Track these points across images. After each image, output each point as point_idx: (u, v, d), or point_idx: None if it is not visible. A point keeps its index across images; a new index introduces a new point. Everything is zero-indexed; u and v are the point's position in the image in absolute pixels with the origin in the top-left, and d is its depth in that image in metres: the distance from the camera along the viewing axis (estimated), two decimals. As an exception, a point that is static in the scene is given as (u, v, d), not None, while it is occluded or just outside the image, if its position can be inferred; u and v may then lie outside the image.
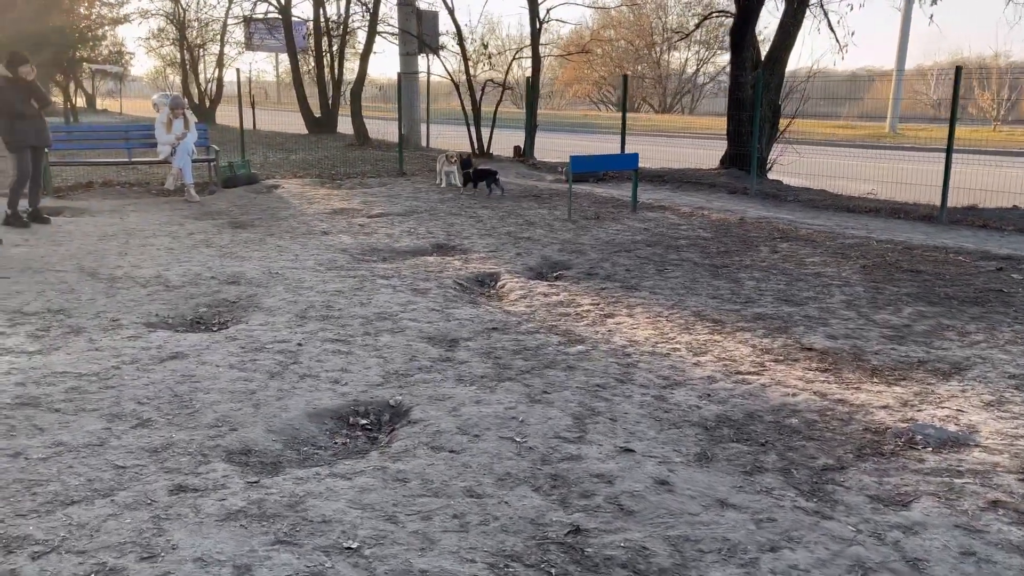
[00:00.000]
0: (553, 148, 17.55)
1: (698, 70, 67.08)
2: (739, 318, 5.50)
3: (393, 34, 20.36)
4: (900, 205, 10.44)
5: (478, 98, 16.23)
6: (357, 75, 20.43)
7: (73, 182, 11.62)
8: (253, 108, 28.64)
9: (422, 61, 19.78)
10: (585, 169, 9.84)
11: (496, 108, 16.18)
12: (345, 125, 26.10)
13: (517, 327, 5.33)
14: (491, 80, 16.78)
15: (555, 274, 7.07)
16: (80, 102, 44.49)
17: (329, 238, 8.30)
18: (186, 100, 11.37)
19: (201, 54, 35.54)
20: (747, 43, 12.05)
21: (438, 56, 16.95)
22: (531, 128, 15.65)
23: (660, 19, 63.00)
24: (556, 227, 9.02)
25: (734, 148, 12.36)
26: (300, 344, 4.86)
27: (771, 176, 12.67)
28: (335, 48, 24.48)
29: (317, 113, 25.53)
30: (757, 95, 10.63)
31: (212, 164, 11.54)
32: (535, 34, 16.01)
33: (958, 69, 9.30)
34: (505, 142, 16.99)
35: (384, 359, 4.62)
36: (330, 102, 25.35)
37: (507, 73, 16.66)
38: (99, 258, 7.01)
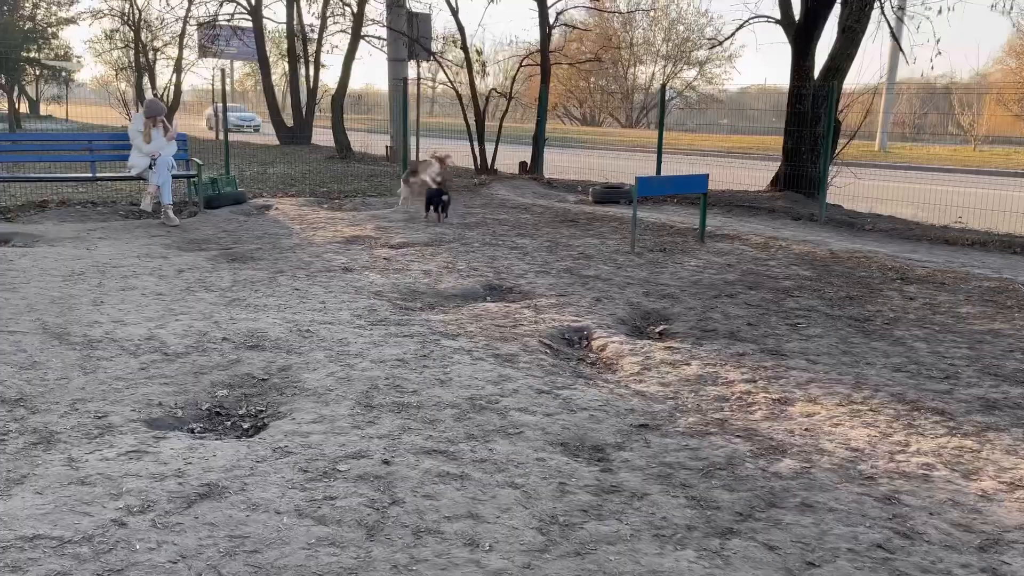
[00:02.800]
0: (549, 164, 16.01)
1: (665, 84, 66.73)
2: (965, 407, 4.10)
3: (379, 38, 18.79)
4: (1010, 238, 9.14)
5: (482, 108, 14.73)
6: (339, 82, 18.81)
7: (23, 200, 9.80)
8: (217, 118, 26.79)
9: (412, 69, 18.25)
10: (651, 192, 8.47)
11: (501, 121, 14.71)
12: (320, 136, 24.44)
13: (672, 422, 3.85)
14: (495, 89, 15.30)
15: (658, 329, 5.61)
16: (23, 108, 41.79)
17: (355, 277, 6.72)
18: (164, 105, 9.59)
19: (156, 58, 33.39)
20: (812, 49, 10.79)
21: (437, 61, 15.40)
22: (540, 142, 14.20)
23: (654, 30, 62.12)
24: (620, 262, 7.58)
25: (791, 168, 11.09)
26: (387, 462, 3.30)
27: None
28: (310, 53, 22.78)
29: (289, 123, 23.77)
30: (830, 109, 9.34)
31: (193, 181, 9.83)
32: (544, 39, 14.60)
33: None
34: (507, 158, 15.51)
35: (523, 493, 3.09)
36: (304, 111, 23.62)
37: (513, 81, 15.22)
38: (67, 309, 5.33)
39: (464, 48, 14.71)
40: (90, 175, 9.31)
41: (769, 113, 11.68)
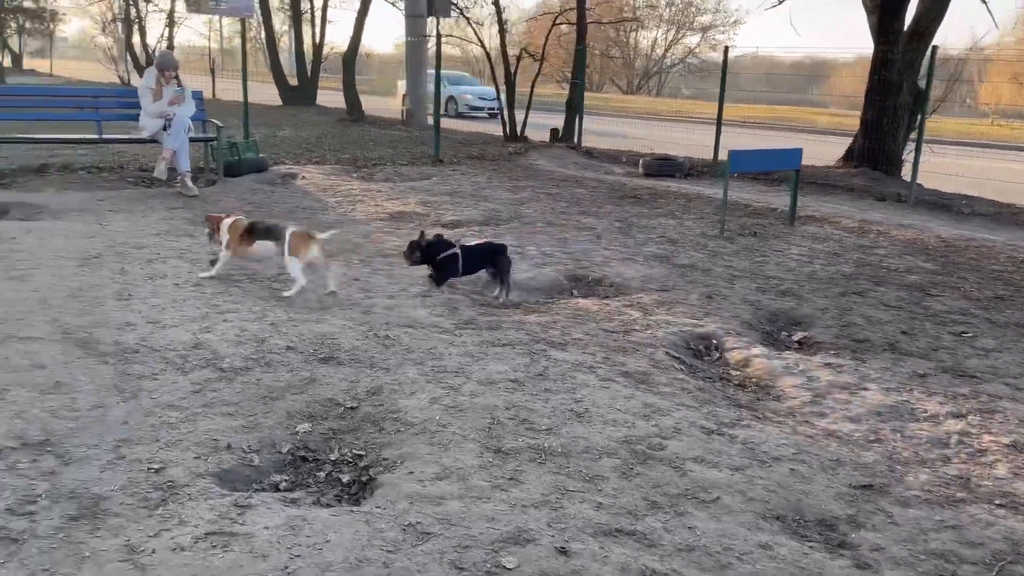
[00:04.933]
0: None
1: (666, 51, 65.18)
2: None
3: (395, -8, 17.55)
4: None
5: (512, 71, 13.63)
6: (351, 39, 17.59)
7: (18, 165, 8.73)
8: (213, 75, 25.45)
9: (430, 27, 17.06)
10: (744, 169, 7.54)
11: (533, 85, 13.63)
12: (324, 97, 23.22)
13: (900, 481, 2.97)
14: (525, 50, 14.19)
15: (795, 337, 4.72)
16: (5, 61, 40.02)
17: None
18: (178, 60, 8.44)
19: (147, 10, 31.78)
20: (904, 8, 9.74)
21: (465, 17, 14.23)
22: (578, 108, 13.15)
23: None
24: (712, 248, 6.66)
25: (870, 141, 10.13)
26: (563, 551, 2.40)
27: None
28: (319, 6, 21.47)
29: (293, 83, 22.52)
30: (929, 76, 8.36)
31: (211, 145, 8.79)
32: (581, -4, 13.47)
33: None
34: (531, 125, 14.45)
35: (775, 607, 2.21)
36: (308, 71, 22.35)
37: (546, 41, 14.08)
38: (89, 305, 4.37)
39: (496, 3, 13.57)
40: (96, 136, 8.24)
41: (761, 81, 10.67)
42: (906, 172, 10.38)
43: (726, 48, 10.57)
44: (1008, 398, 3.77)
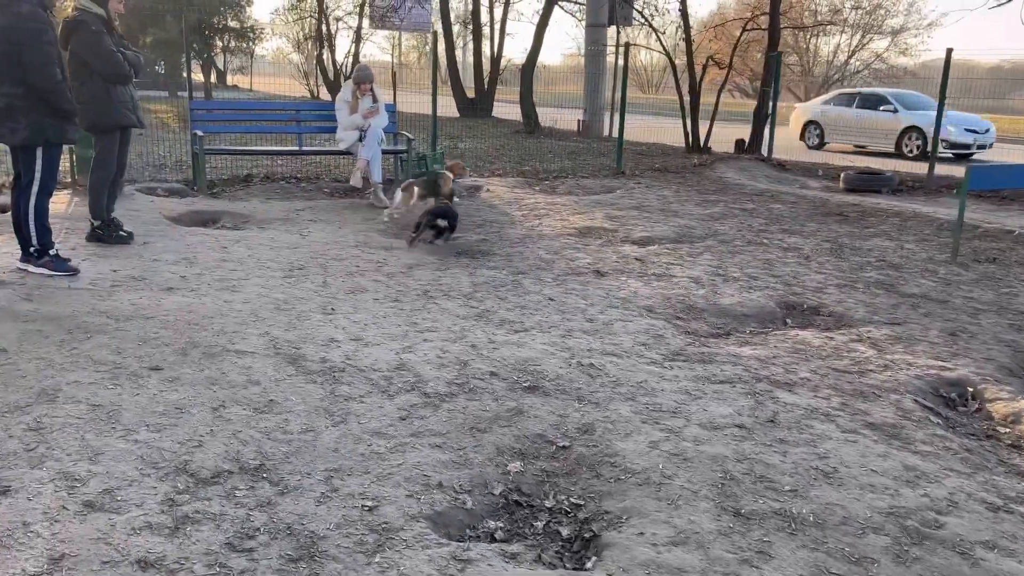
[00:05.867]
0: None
1: (850, 57, 61.28)
2: None
3: (575, 2, 17.44)
4: None
5: (698, 79, 13.05)
6: (530, 50, 17.63)
7: (228, 175, 9.26)
8: (394, 87, 26.47)
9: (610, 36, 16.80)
10: (986, 186, 6.69)
11: (719, 93, 13.00)
12: (500, 109, 23.49)
13: None
14: (712, 58, 13.57)
15: (1074, 389, 3.97)
16: (212, 78, 43.72)
17: (612, 284, 5.46)
18: (373, 72, 8.63)
19: (338, 27, 33.64)
20: None
21: (651, 26, 13.82)
22: (769, 117, 12.37)
23: None
24: (943, 275, 5.88)
25: None
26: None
27: None
28: (497, 19, 21.79)
29: (471, 95, 22.99)
30: None
31: (401, 158, 8.92)
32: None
33: None
34: (722, 135, 13.78)
35: None
36: (485, 83, 22.72)
37: (735, 48, 13.40)
38: (295, 319, 4.38)
39: (683, 9, 13.05)
40: (297, 148, 8.59)
41: (955, 87, 9.20)
42: None
43: (948, 50, 9.51)
44: None
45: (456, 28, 26.18)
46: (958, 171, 10.74)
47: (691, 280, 5.61)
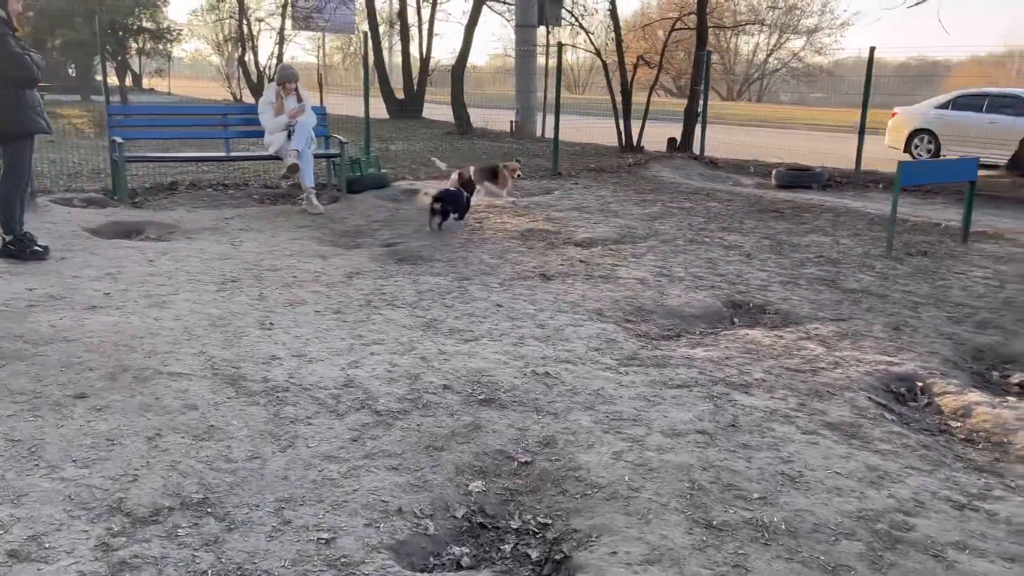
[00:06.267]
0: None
1: (769, 56, 62.96)
2: None
3: (503, 2, 17.36)
4: None
5: (629, 79, 13.13)
6: (460, 51, 17.48)
7: (150, 184, 8.83)
8: (321, 89, 25.92)
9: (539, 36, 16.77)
10: (916, 181, 6.83)
11: (650, 93, 13.10)
12: (430, 111, 23.25)
13: None
14: (642, 57, 13.67)
15: (1015, 380, 4.06)
16: (127, 81, 42.04)
17: (559, 288, 5.37)
18: (298, 72, 8.36)
19: (260, 28, 32.78)
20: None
21: (581, 27, 13.84)
22: (699, 117, 12.52)
23: None
24: (880, 269, 5.99)
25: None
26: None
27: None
28: (425, 19, 21.56)
29: (399, 96, 22.67)
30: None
31: (334, 161, 8.66)
32: (703, -1, 12.85)
33: None
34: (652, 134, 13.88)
35: None
36: (415, 84, 22.45)
37: (664, 47, 13.52)
38: (233, 336, 4.15)
39: (613, 9, 13.11)
40: (224, 153, 8.24)
41: (861, 85, 9.35)
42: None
43: (871, 49, 9.77)
44: None
45: (383, 29, 25.83)
46: (881, 167, 11.07)
47: (637, 281, 5.57)
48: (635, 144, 13.28)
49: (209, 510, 2.57)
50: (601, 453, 3.04)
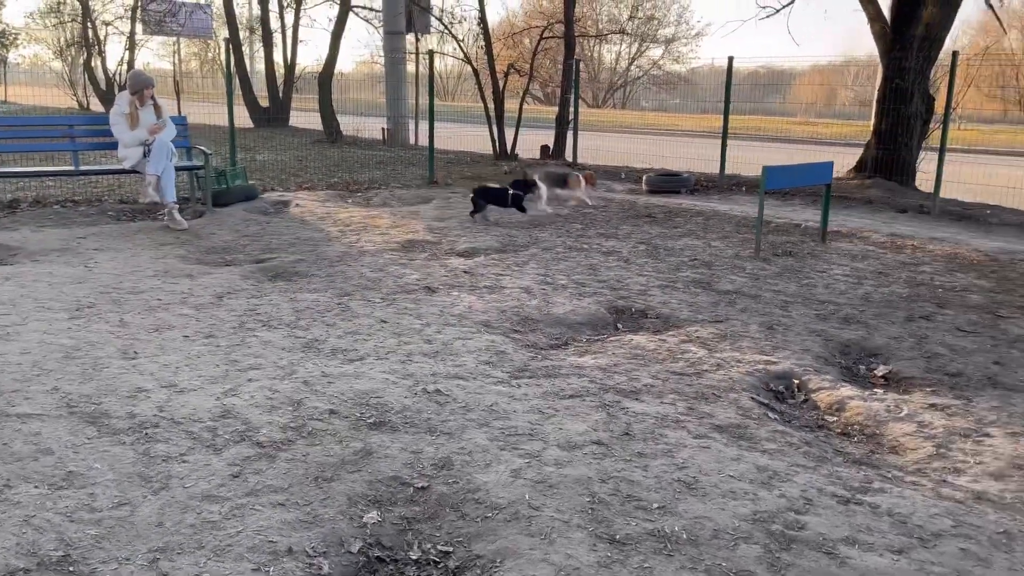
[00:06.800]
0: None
1: (631, 64, 65.28)
2: None
3: (371, 9, 17.09)
4: None
5: (500, 87, 13.19)
6: (328, 57, 17.04)
7: (-12, 199, 8.05)
8: (179, 97, 24.66)
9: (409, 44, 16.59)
10: (779, 185, 7.14)
11: (522, 100, 13.24)
12: (298, 118, 22.56)
13: (1086, 556, 2.54)
14: (513, 65, 13.77)
15: (880, 373, 4.30)
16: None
17: (442, 299, 5.27)
18: (155, 80, 7.89)
19: (107, 32, 30.78)
20: (918, 14, 9.46)
21: (451, 34, 13.77)
22: (569, 123, 12.74)
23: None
24: (751, 270, 6.24)
25: (884, 151, 9.85)
26: None
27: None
28: (289, 25, 20.89)
29: (264, 104, 21.86)
30: (951, 83, 8.06)
31: (197, 174, 8.19)
32: (569, 5, 13.09)
33: None
34: (525, 142, 14.03)
35: None
36: (280, 92, 21.71)
37: (534, 55, 13.68)
38: (90, 368, 3.79)
39: (482, 18, 13.13)
40: (72, 167, 7.61)
41: (718, 92, 10.24)
42: (919, 182, 10.13)
43: (730, 58, 10.25)
44: None
45: (244, 34, 24.87)
46: (743, 170, 11.62)
47: (522, 290, 5.55)
48: (509, 151, 13.35)
49: (71, 568, 2.30)
50: (499, 472, 2.97)
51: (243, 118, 21.97)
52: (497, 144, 13.36)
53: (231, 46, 11.76)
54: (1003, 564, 2.47)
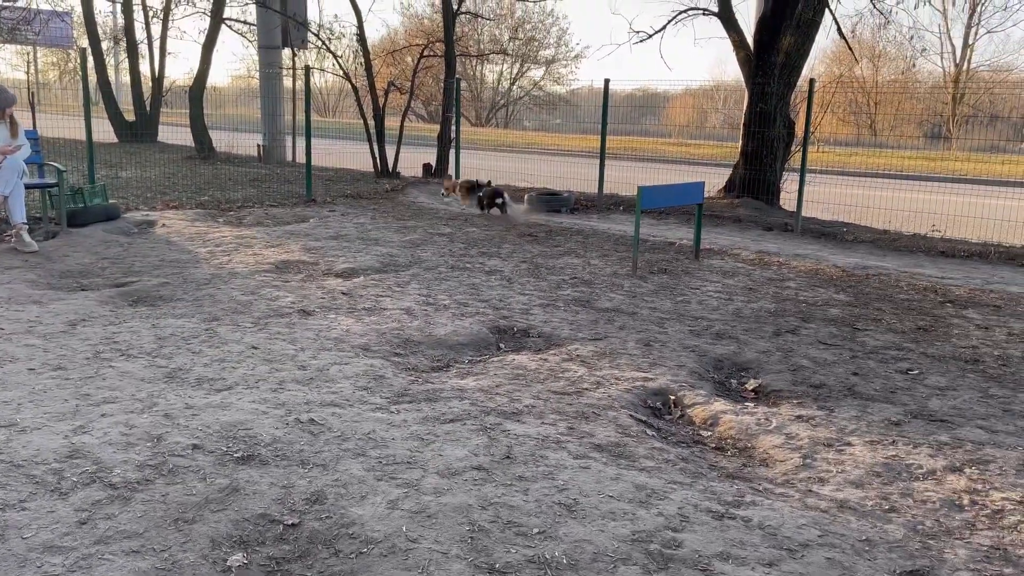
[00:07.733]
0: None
1: (512, 84, 66.28)
2: None
3: (244, 22, 16.54)
4: (1009, 249, 8.39)
5: (380, 104, 13.02)
6: (198, 71, 16.34)
7: None
8: (33, 110, 23.06)
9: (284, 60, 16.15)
10: (654, 205, 7.30)
11: (403, 118, 13.11)
12: (167, 133, 21.53)
13: (940, 560, 2.68)
14: (393, 83, 13.62)
15: (750, 387, 4.45)
16: None
17: (319, 323, 5.09)
18: (15, 94, 7.32)
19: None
20: (778, 42, 9.99)
21: (328, 49, 13.49)
22: (452, 142, 12.73)
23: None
24: (629, 288, 6.37)
25: (750, 171, 10.32)
26: None
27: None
28: (156, 36, 19.94)
29: (130, 118, 20.73)
30: (808, 108, 8.55)
31: (50, 192, 7.62)
32: (449, 24, 13.12)
33: None
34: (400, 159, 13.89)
35: None
36: (147, 106, 20.65)
37: (415, 73, 13.59)
38: (-85, 406, 3.40)
39: (361, 34, 12.94)
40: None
41: (597, 113, 10.84)
42: (783, 201, 10.70)
43: (606, 81, 10.52)
44: (990, 444, 3.63)
45: (106, 45, 23.54)
46: (620, 190, 11.93)
47: (403, 312, 5.44)
48: (391, 169, 13.19)
49: None
50: (376, 504, 2.85)
51: (107, 132, 20.79)
52: (378, 161, 13.17)
53: (90, 54, 11.08)
54: (866, 571, 2.57)
